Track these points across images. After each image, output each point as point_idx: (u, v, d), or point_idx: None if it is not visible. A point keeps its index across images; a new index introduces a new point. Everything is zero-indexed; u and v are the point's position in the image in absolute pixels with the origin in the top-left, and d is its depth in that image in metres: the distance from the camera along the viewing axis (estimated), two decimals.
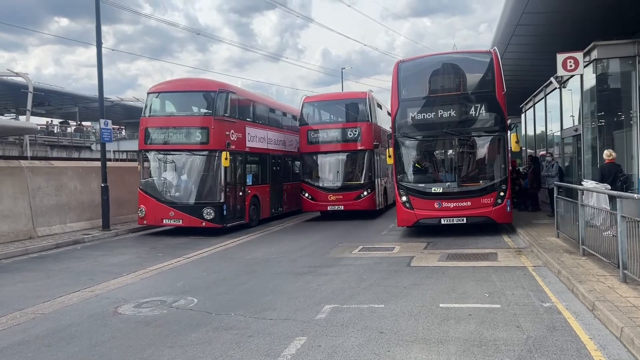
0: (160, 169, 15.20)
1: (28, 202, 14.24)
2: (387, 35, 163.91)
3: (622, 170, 10.48)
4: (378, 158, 18.31)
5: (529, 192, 16.78)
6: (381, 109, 20.27)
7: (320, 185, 17.70)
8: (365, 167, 17.54)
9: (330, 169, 17.77)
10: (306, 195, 17.92)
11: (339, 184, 17.60)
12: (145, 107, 15.51)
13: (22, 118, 40.65)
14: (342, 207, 17.40)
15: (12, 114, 47.78)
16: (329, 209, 17.64)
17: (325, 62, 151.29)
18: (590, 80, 12.75)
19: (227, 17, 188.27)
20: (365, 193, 17.38)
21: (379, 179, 18.48)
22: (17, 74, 31.36)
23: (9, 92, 39.09)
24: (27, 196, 14.24)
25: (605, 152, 10.56)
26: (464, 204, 12.26)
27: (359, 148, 17.53)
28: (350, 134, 17.71)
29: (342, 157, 17.72)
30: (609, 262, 7.43)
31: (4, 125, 23.79)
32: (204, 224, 14.34)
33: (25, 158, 27.69)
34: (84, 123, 54.26)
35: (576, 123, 14.89)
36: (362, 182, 17.53)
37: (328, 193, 17.51)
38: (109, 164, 16.69)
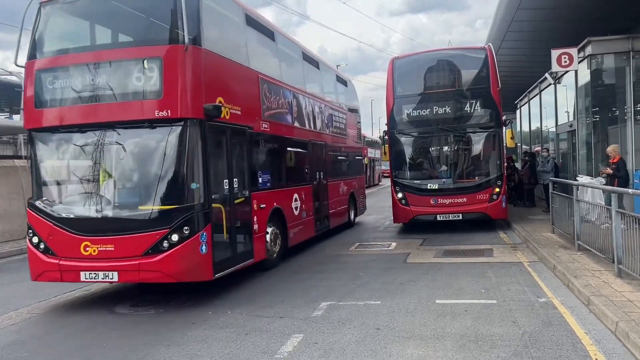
0: None
1: (23, 202, 14.14)
2: (383, 32, 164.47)
3: None
4: (238, 146, 7.99)
5: (525, 188, 16.82)
6: (260, 31, 9.55)
7: (64, 215, 7.02)
8: (179, 168, 6.72)
9: (88, 175, 7.03)
10: (35, 240, 7.12)
11: (108, 212, 6.87)
12: None
13: (15, 117, 40.42)
14: (115, 277, 6.76)
15: (5, 113, 47.58)
16: (83, 277, 6.82)
17: None
18: (585, 76, 12.79)
19: None
20: (175, 238, 6.55)
21: (241, 197, 7.87)
22: (11, 73, 31.19)
23: (2, 91, 38.85)
24: (22, 196, 14.15)
25: (615, 147, 10.45)
26: (460, 200, 12.29)
27: (159, 115, 6.67)
28: (138, 79, 6.87)
29: (118, 140, 6.91)
30: (604, 257, 7.46)
31: None
32: None
33: (20, 157, 27.53)
34: None
35: (571, 119, 14.93)
36: (167, 206, 6.66)
37: (81, 237, 6.80)
38: None
